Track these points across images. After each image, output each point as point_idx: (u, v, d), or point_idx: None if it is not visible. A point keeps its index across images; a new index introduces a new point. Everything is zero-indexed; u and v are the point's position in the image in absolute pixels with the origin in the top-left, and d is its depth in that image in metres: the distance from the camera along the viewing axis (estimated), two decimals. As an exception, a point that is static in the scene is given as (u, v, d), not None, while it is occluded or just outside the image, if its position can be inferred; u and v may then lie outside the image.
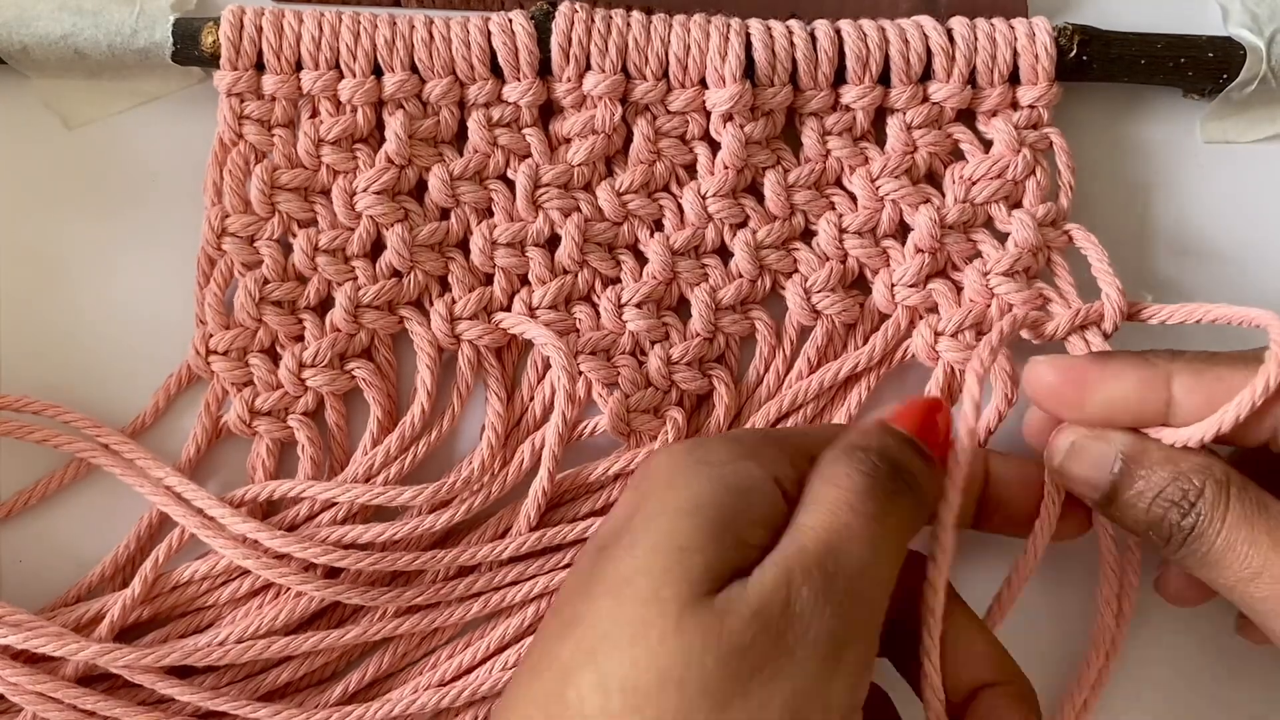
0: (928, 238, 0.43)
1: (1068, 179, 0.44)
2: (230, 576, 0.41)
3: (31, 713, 0.39)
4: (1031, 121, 0.44)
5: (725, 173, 0.43)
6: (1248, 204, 0.47)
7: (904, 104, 0.44)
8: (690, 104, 0.43)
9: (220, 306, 0.42)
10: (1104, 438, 0.37)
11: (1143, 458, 0.36)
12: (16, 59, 0.43)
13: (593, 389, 0.43)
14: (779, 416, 0.43)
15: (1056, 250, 0.43)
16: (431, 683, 0.41)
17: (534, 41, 0.43)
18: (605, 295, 0.43)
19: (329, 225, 0.43)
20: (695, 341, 0.43)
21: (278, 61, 0.42)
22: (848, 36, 0.43)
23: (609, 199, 0.43)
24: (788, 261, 0.44)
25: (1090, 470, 0.37)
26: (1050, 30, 0.44)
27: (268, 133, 0.43)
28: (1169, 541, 0.35)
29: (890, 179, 0.44)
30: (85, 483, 0.43)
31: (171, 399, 0.43)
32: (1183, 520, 0.35)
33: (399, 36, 0.43)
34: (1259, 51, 0.45)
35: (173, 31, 0.43)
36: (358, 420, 0.43)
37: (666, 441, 0.42)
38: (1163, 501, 0.35)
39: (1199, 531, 0.34)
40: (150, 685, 0.39)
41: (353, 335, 0.43)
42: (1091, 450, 0.37)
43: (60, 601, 0.41)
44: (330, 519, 0.41)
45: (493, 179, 0.44)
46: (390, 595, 0.40)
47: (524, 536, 0.41)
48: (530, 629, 0.41)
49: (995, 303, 0.42)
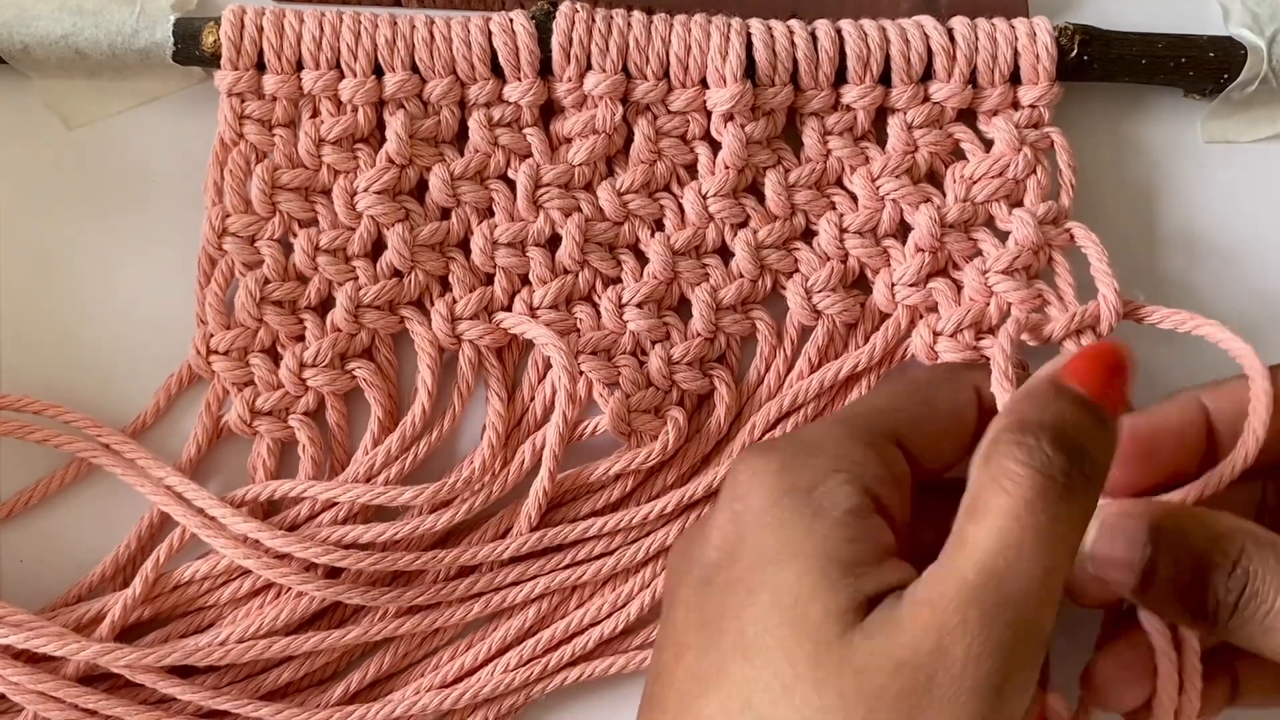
0: (928, 237, 0.43)
1: (1069, 178, 0.44)
2: (231, 576, 0.41)
3: (33, 712, 0.39)
4: (1032, 121, 0.44)
5: (726, 172, 0.43)
6: (1248, 204, 0.47)
7: (905, 104, 0.44)
8: (691, 104, 0.43)
9: (221, 306, 0.42)
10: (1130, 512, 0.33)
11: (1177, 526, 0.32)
12: (17, 59, 0.43)
13: (593, 389, 0.43)
14: (779, 416, 0.43)
15: (1058, 249, 0.43)
16: (433, 684, 0.41)
17: (535, 41, 0.43)
18: (606, 295, 0.43)
19: (330, 225, 0.43)
20: (696, 341, 0.43)
21: (278, 61, 0.42)
22: (848, 36, 0.43)
23: (610, 199, 0.43)
24: (788, 261, 0.44)
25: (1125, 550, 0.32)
26: (1051, 30, 0.44)
27: (268, 132, 0.43)
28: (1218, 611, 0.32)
29: (891, 178, 0.44)
30: (86, 483, 0.43)
31: (172, 399, 0.43)
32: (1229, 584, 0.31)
33: (400, 36, 0.42)
34: (1260, 51, 0.45)
35: (173, 31, 0.43)
36: (358, 420, 0.43)
37: (667, 443, 0.42)
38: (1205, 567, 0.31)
39: (1248, 599, 0.31)
40: (151, 685, 0.39)
41: (353, 335, 0.43)
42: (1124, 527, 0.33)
43: (61, 601, 0.41)
44: (331, 519, 0.41)
45: (493, 179, 0.44)
46: (391, 595, 0.40)
47: (525, 537, 0.41)
48: (531, 630, 0.41)
49: (994, 301, 0.42)
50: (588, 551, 0.42)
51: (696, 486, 0.42)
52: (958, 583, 0.28)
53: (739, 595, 0.31)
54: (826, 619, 0.29)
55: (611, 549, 0.42)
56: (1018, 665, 0.28)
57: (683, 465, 0.43)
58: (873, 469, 0.33)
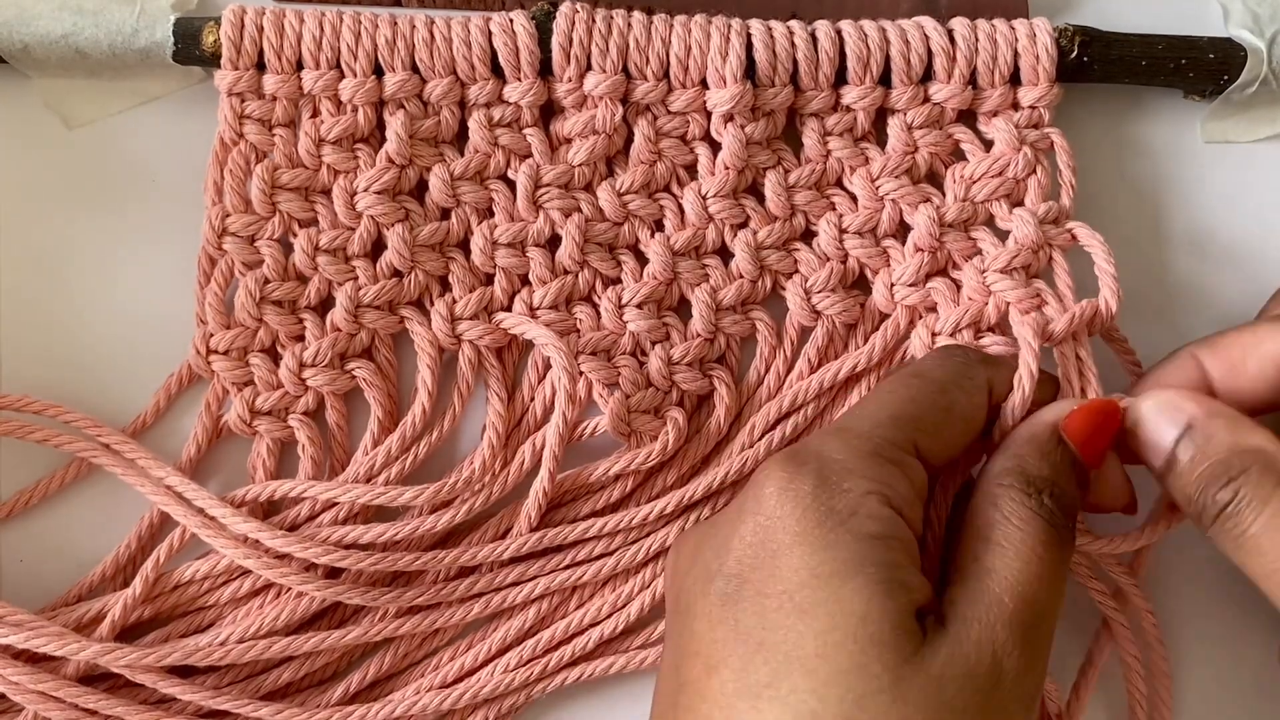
0: (927, 236, 0.43)
1: (1069, 178, 0.44)
2: (231, 576, 0.41)
3: (33, 712, 0.39)
4: (1032, 122, 0.44)
5: (726, 173, 0.43)
6: (1248, 204, 0.47)
7: (905, 104, 0.44)
8: (691, 104, 0.43)
9: (221, 306, 0.42)
10: (1176, 403, 0.36)
11: (1207, 427, 0.36)
12: (17, 58, 0.43)
13: (593, 389, 0.43)
14: (779, 417, 0.43)
15: (1058, 249, 0.43)
16: (433, 684, 0.41)
17: (535, 41, 0.43)
18: (606, 295, 0.43)
19: (330, 225, 0.43)
20: (696, 342, 0.43)
21: (278, 61, 0.42)
22: (848, 37, 0.43)
23: (610, 199, 0.43)
24: (788, 262, 0.44)
25: (1158, 434, 0.36)
26: (1051, 31, 0.44)
27: (268, 132, 0.43)
28: (1202, 515, 0.35)
29: (890, 179, 0.44)
30: (86, 483, 0.43)
31: (172, 399, 0.43)
32: (1217, 495, 0.34)
33: (400, 36, 0.42)
34: (1260, 53, 0.45)
35: (173, 31, 0.43)
36: (358, 420, 0.43)
37: (667, 444, 0.42)
38: (1207, 475, 0.35)
39: (1234, 511, 0.34)
40: (151, 685, 0.39)
41: (353, 335, 0.43)
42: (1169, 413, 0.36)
43: (61, 601, 0.41)
44: (331, 519, 0.41)
45: (493, 179, 0.44)
46: (391, 596, 0.40)
47: (525, 537, 0.41)
48: (531, 630, 0.41)
49: (992, 300, 0.42)
50: (588, 552, 0.42)
51: (696, 487, 0.42)
52: (998, 606, 0.32)
53: (786, 610, 0.32)
54: (897, 635, 0.31)
55: (611, 549, 0.42)
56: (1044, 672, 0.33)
57: (682, 466, 0.43)
58: (900, 488, 0.34)
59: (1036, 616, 0.32)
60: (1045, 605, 0.33)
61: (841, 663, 0.31)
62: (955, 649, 0.31)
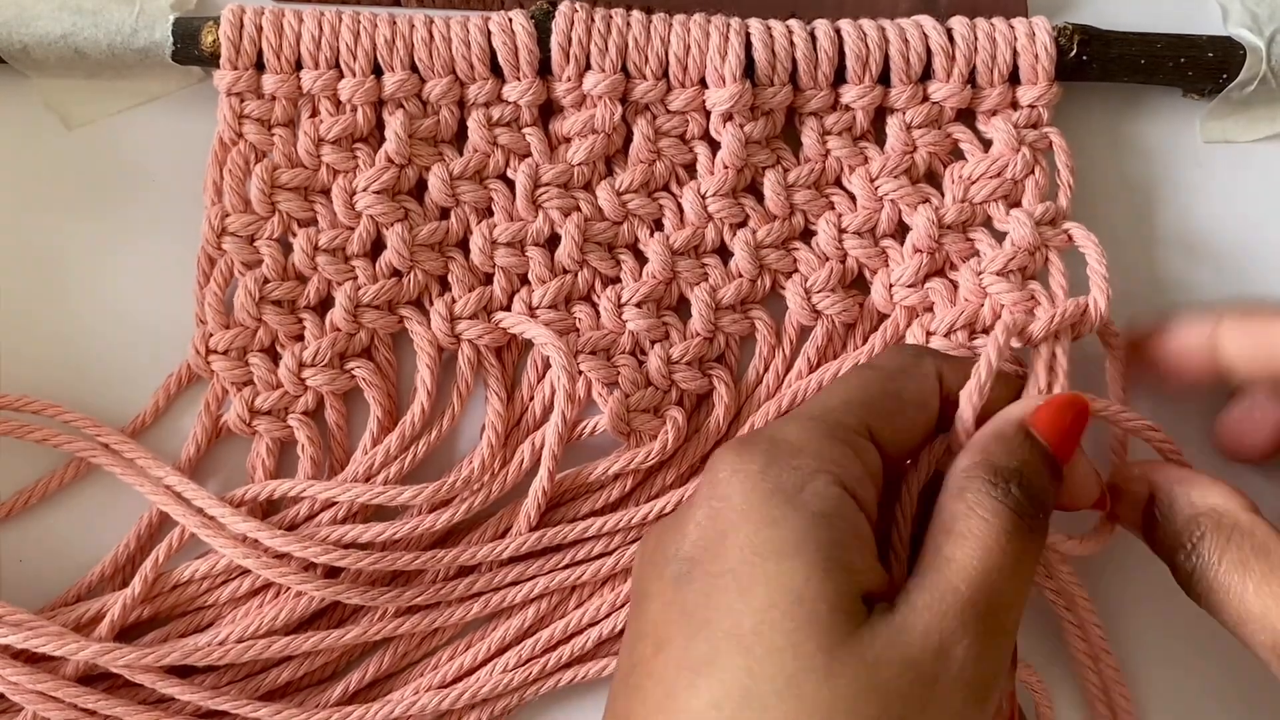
0: (925, 238, 0.43)
1: (1067, 178, 0.44)
2: (230, 576, 0.41)
3: (32, 712, 0.39)
4: (1031, 121, 0.44)
5: (725, 172, 0.43)
6: (1248, 203, 0.47)
7: (904, 104, 0.44)
8: (690, 103, 0.43)
9: (220, 306, 0.42)
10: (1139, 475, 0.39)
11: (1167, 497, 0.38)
12: (16, 58, 0.43)
13: (593, 389, 0.43)
14: (778, 416, 0.43)
15: (1055, 250, 0.43)
16: (432, 684, 0.41)
17: (534, 41, 0.43)
18: (605, 295, 0.43)
19: (329, 225, 0.43)
20: (695, 341, 0.43)
21: (278, 61, 0.42)
22: (847, 36, 0.43)
23: (609, 198, 0.43)
24: (787, 261, 0.44)
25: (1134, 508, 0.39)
26: (1050, 30, 0.44)
27: (268, 132, 0.43)
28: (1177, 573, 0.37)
29: (889, 179, 0.44)
30: (85, 482, 0.43)
31: (171, 398, 0.43)
32: (1185, 562, 0.36)
33: (399, 36, 0.43)
34: (1259, 51, 0.45)
35: (172, 31, 0.43)
36: (358, 420, 0.43)
37: (666, 443, 0.42)
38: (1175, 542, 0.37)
39: (1199, 574, 0.36)
40: (150, 684, 0.39)
41: (353, 335, 0.43)
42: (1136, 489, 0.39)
43: (60, 601, 0.41)
44: (330, 518, 0.41)
45: (493, 178, 0.44)
46: (390, 595, 0.40)
47: (524, 536, 0.41)
48: (530, 630, 0.41)
49: (988, 302, 0.42)
50: (587, 551, 0.42)
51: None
52: (952, 594, 0.32)
53: (728, 589, 0.32)
54: (834, 615, 0.31)
55: (611, 549, 0.42)
56: (1000, 664, 0.32)
57: (682, 465, 0.43)
58: (852, 468, 0.34)
59: (994, 606, 0.32)
60: (1007, 596, 0.32)
61: (776, 641, 0.30)
62: (897, 634, 0.31)
